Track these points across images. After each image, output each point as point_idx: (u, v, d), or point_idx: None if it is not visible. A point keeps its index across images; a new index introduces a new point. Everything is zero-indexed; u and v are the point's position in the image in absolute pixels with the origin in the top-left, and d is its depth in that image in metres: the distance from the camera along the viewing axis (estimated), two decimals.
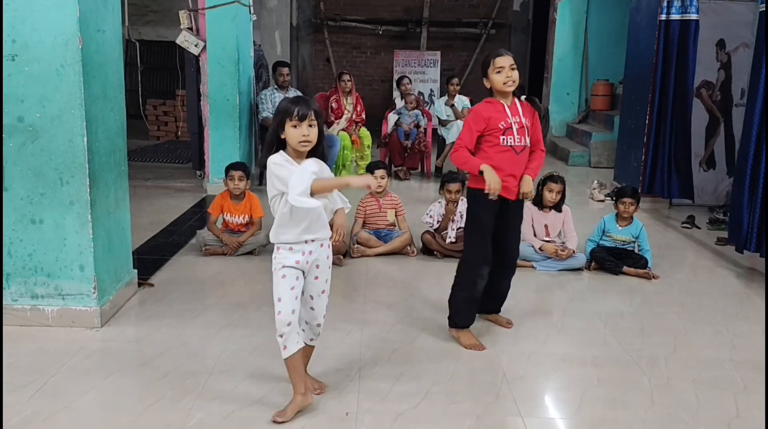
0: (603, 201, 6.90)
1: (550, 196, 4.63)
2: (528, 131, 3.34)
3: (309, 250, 2.60)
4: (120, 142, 3.65)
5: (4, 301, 3.34)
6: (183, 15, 6.49)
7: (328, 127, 7.56)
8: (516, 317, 3.71)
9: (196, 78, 6.97)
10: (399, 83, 8.76)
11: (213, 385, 2.85)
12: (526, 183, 3.32)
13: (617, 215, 4.71)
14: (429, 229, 4.87)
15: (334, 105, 7.60)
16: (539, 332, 3.56)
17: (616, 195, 4.88)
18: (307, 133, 2.48)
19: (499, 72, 3.23)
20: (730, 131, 6.60)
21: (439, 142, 8.26)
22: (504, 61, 3.22)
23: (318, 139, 2.54)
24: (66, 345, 3.17)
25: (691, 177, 6.37)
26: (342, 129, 7.52)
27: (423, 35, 12.57)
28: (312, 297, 2.68)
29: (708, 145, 6.73)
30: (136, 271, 3.92)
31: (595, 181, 7.25)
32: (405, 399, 2.79)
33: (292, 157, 2.53)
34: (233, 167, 4.78)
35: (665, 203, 6.63)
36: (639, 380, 3.04)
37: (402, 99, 8.44)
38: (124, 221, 3.73)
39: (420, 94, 11.76)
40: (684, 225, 5.96)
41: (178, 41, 6.54)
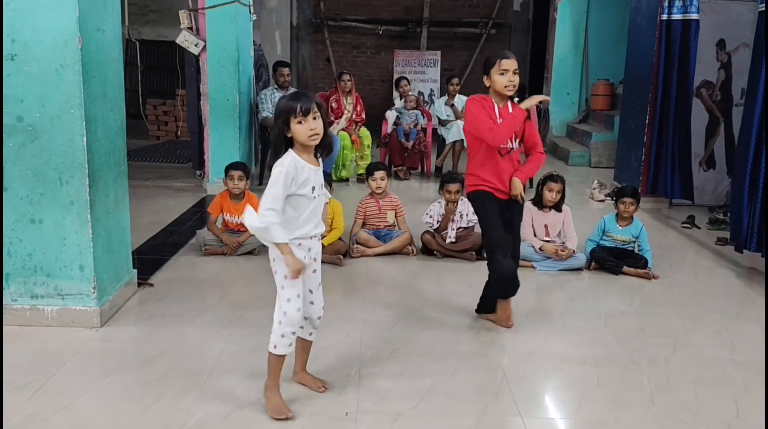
0: (603, 201, 6.90)
1: (549, 195, 4.63)
2: (516, 135, 3.35)
3: (312, 246, 2.64)
4: (120, 141, 3.64)
5: (3, 301, 3.34)
6: (183, 15, 6.49)
7: (328, 127, 7.55)
8: (516, 317, 3.71)
9: (196, 78, 6.97)
10: (397, 84, 8.77)
11: (213, 385, 2.84)
12: (513, 185, 3.37)
13: (617, 215, 4.71)
14: (429, 229, 4.87)
15: (334, 105, 7.60)
16: (539, 332, 3.56)
17: (616, 195, 4.88)
18: (314, 127, 2.49)
19: (503, 74, 3.24)
20: (730, 131, 6.60)
21: (439, 142, 8.26)
22: (509, 64, 3.23)
23: (324, 129, 2.55)
24: (66, 345, 3.17)
25: (691, 177, 6.37)
26: (342, 129, 7.53)
27: (423, 35, 12.57)
28: (311, 291, 2.70)
29: (708, 145, 6.73)
30: (135, 271, 3.92)
31: (596, 181, 7.25)
32: (405, 399, 2.78)
33: (301, 154, 2.53)
34: (233, 167, 4.77)
35: (665, 203, 6.63)
36: (639, 380, 3.04)
37: (401, 99, 8.45)
38: (123, 221, 3.73)
39: (420, 94, 11.77)
40: (684, 225, 5.96)
41: (178, 41, 6.54)
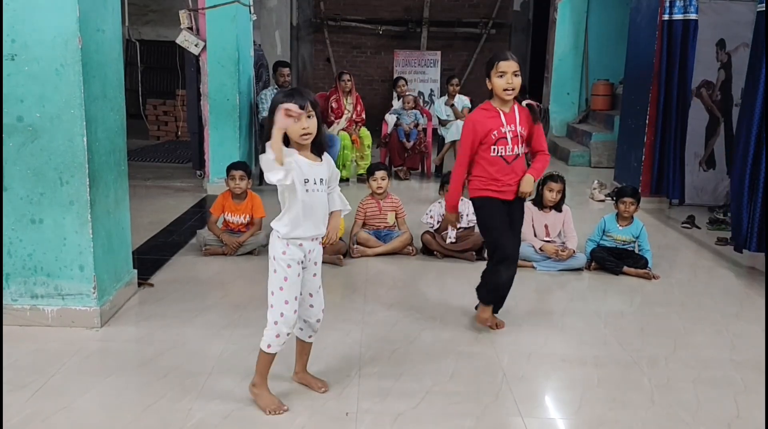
0: (603, 201, 6.90)
1: (550, 195, 4.63)
2: (522, 140, 3.26)
3: (312, 248, 2.62)
4: (120, 141, 3.64)
5: (4, 301, 3.34)
6: (183, 15, 6.49)
7: (328, 127, 7.55)
8: (516, 317, 3.71)
9: (196, 78, 6.97)
10: (395, 84, 8.77)
11: (213, 385, 2.84)
12: (525, 182, 3.28)
13: (617, 215, 4.71)
14: (429, 229, 4.87)
15: (334, 105, 7.60)
16: (539, 332, 3.56)
17: (616, 195, 4.88)
18: (307, 125, 2.47)
19: (501, 76, 3.13)
20: (730, 131, 6.59)
21: (439, 141, 8.27)
22: (507, 66, 3.11)
23: (318, 127, 2.53)
24: (66, 345, 3.17)
25: (684, 177, 6.38)
26: (342, 129, 7.52)
27: (423, 35, 12.56)
28: (311, 294, 2.70)
29: (708, 145, 6.73)
30: (136, 271, 3.92)
31: (596, 181, 7.25)
32: (405, 399, 2.78)
33: (302, 151, 2.53)
34: (234, 167, 4.77)
35: (665, 203, 6.63)
36: (639, 380, 3.04)
37: (399, 100, 8.45)
38: (123, 221, 3.73)
39: (420, 94, 11.77)
40: (684, 225, 5.96)
41: (178, 41, 6.54)
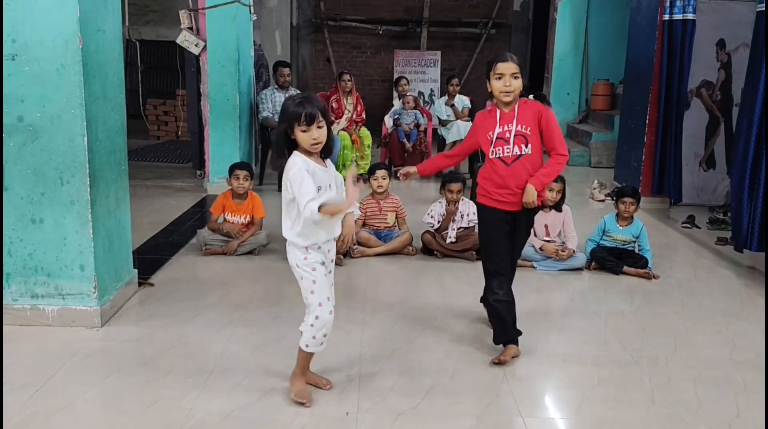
0: (603, 201, 6.89)
1: (550, 195, 4.61)
2: (528, 139, 3.05)
3: (330, 247, 2.72)
4: (120, 141, 3.65)
5: (4, 301, 3.34)
6: (183, 15, 6.49)
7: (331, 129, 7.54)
8: (516, 317, 3.71)
9: (196, 78, 6.97)
10: (397, 84, 8.77)
11: (213, 385, 2.84)
12: (525, 192, 3.05)
13: (618, 215, 4.71)
14: (429, 229, 4.87)
15: (334, 105, 7.60)
16: (539, 332, 3.56)
17: (616, 195, 4.88)
18: (317, 136, 2.55)
19: (499, 78, 3.01)
20: (730, 131, 6.59)
21: (439, 141, 8.26)
22: (505, 68, 2.99)
23: (328, 134, 2.60)
24: (66, 345, 3.17)
25: (681, 177, 6.38)
26: (342, 129, 7.52)
27: (423, 35, 12.56)
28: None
29: (708, 145, 6.73)
30: (136, 270, 3.92)
31: (596, 181, 7.25)
32: (405, 399, 2.78)
33: (307, 156, 2.59)
34: (239, 167, 4.77)
35: (666, 203, 6.63)
36: (639, 380, 3.04)
37: (400, 99, 8.44)
38: (124, 221, 3.73)
39: (420, 94, 11.76)
40: (684, 225, 5.96)
41: (178, 41, 6.54)
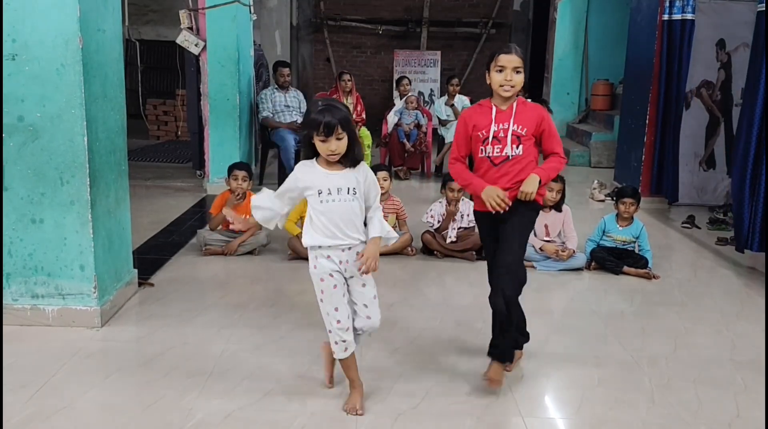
0: (603, 201, 6.89)
1: (550, 195, 4.61)
2: (520, 140, 2.84)
3: (346, 258, 2.58)
4: (120, 141, 3.64)
5: (4, 301, 3.34)
6: (183, 14, 6.49)
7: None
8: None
9: (196, 78, 6.97)
10: (398, 83, 8.77)
11: (213, 385, 2.84)
12: (527, 181, 2.81)
13: (617, 215, 4.71)
14: (429, 228, 4.87)
15: None
16: (540, 332, 3.55)
17: (616, 195, 4.87)
18: (335, 148, 2.46)
19: (500, 71, 2.81)
20: (730, 131, 6.59)
21: (439, 141, 8.27)
22: (508, 60, 2.79)
23: (350, 144, 2.51)
24: (66, 345, 3.17)
25: (678, 177, 6.38)
26: None
27: (423, 35, 12.56)
28: (366, 305, 2.69)
29: (708, 145, 6.73)
30: (136, 270, 3.92)
31: (596, 181, 7.24)
32: (405, 399, 2.78)
33: (323, 165, 2.56)
34: (237, 167, 4.76)
35: (665, 203, 6.63)
36: (640, 380, 3.04)
37: (401, 99, 8.44)
38: (124, 221, 3.73)
39: (420, 94, 11.76)
40: (684, 225, 5.96)
41: (178, 41, 6.54)
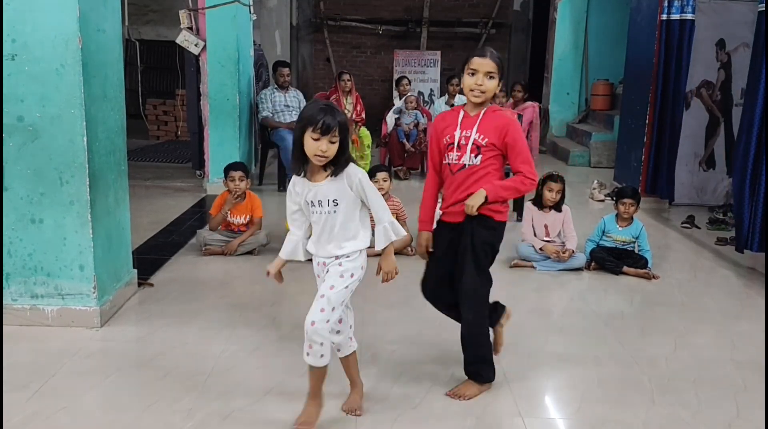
0: (603, 201, 6.90)
1: (549, 195, 4.63)
2: (481, 150, 2.72)
3: (326, 262, 2.50)
4: (120, 141, 3.64)
5: (3, 301, 3.34)
6: (183, 14, 6.50)
7: (349, 151, 7.56)
8: (516, 317, 3.70)
9: (196, 78, 6.98)
10: (398, 83, 8.77)
11: (213, 385, 2.84)
12: (473, 195, 2.69)
13: (617, 216, 4.71)
14: None
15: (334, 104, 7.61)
16: (539, 332, 3.56)
17: (616, 195, 4.87)
18: (326, 150, 2.29)
19: (472, 74, 2.69)
20: (730, 131, 6.60)
21: None
22: (480, 64, 2.67)
23: (340, 151, 2.34)
24: (66, 345, 3.17)
25: (674, 177, 6.38)
26: None
27: (423, 35, 12.56)
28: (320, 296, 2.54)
29: (708, 145, 6.73)
30: (135, 270, 3.92)
31: (595, 181, 7.25)
32: (405, 399, 2.78)
33: (312, 168, 2.38)
34: (233, 168, 4.76)
35: (665, 203, 6.63)
36: (639, 380, 3.04)
37: (401, 99, 8.45)
38: (124, 221, 3.73)
39: (420, 93, 11.76)
40: (684, 225, 5.96)
41: (178, 41, 6.54)
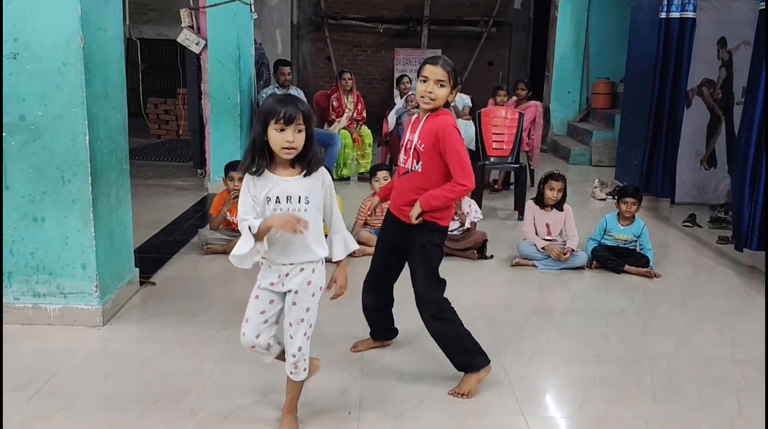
0: (604, 200, 6.89)
1: (551, 194, 4.62)
2: (420, 156, 2.75)
3: (288, 272, 2.37)
4: (121, 140, 3.65)
5: (5, 300, 3.34)
6: (184, 13, 6.49)
7: (329, 126, 7.55)
8: (517, 316, 3.72)
9: (197, 76, 6.97)
10: (399, 82, 8.76)
11: (213, 384, 2.84)
12: (414, 207, 2.78)
13: (619, 214, 4.70)
14: None
15: (335, 103, 7.61)
16: (541, 331, 3.56)
17: (618, 194, 4.87)
18: (293, 140, 2.16)
19: (423, 81, 2.69)
20: (731, 129, 6.59)
21: None
22: (431, 72, 2.66)
23: (307, 143, 2.22)
24: (67, 344, 3.17)
25: (675, 175, 6.37)
26: (343, 127, 7.53)
27: (424, 33, 12.56)
28: (291, 324, 2.41)
29: (709, 144, 6.73)
30: (137, 269, 3.92)
31: (596, 180, 7.25)
32: (407, 398, 2.79)
33: (278, 165, 2.26)
34: (232, 168, 4.75)
35: (666, 202, 6.61)
36: (641, 379, 3.04)
37: (401, 98, 8.43)
38: (125, 220, 3.73)
39: None
40: (685, 224, 5.95)
41: (179, 39, 6.54)
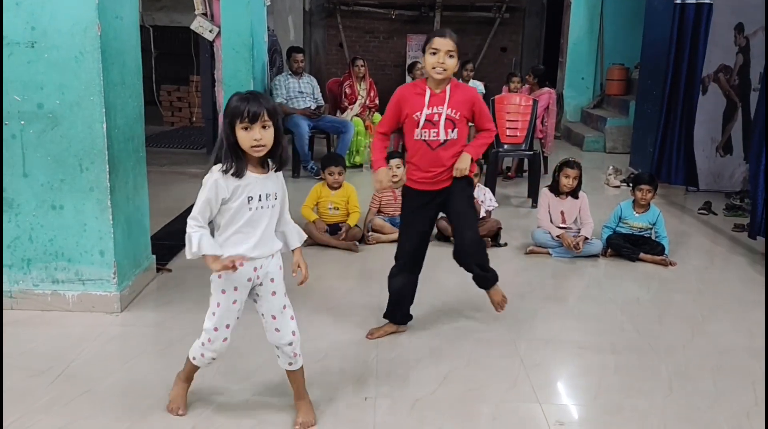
0: (619, 187, 6.86)
1: (566, 181, 4.60)
2: (456, 124, 2.96)
3: (260, 265, 2.36)
4: (138, 128, 3.67)
5: (25, 286, 3.38)
6: (197, 1, 6.49)
7: (341, 113, 7.54)
8: (532, 304, 3.72)
9: (210, 64, 6.99)
10: (411, 69, 8.73)
11: (232, 370, 2.87)
12: (460, 159, 2.97)
13: (634, 202, 4.68)
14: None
15: (347, 90, 7.59)
16: (556, 319, 3.56)
17: (633, 182, 4.83)
18: (260, 137, 2.18)
19: (433, 53, 2.87)
20: (747, 116, 6.53)
21: None
22: (441, 43, 2.86)
23: (276, 139, 2.24)
24: (86, 330, 3.21)
25: (695, 163, 6.32)
26: (356, 115, 7.52)
27: (436, 19, 12.49)
28: (274, 316, 2.41)
29: (725, 131, 6.67)
30: (154, 256, 3.96)
31: (611, 167, 7.20)
32: (423, 384, 2.80)
33: (249, 163, 2.26)
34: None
35: (681, 189, 6.58)
36: (656, 368, 3.04)
37: None
38: (142, 207, 3.77)
39: None
40: (701, 211, 5.92)
41: (192, 27, 6.55)
